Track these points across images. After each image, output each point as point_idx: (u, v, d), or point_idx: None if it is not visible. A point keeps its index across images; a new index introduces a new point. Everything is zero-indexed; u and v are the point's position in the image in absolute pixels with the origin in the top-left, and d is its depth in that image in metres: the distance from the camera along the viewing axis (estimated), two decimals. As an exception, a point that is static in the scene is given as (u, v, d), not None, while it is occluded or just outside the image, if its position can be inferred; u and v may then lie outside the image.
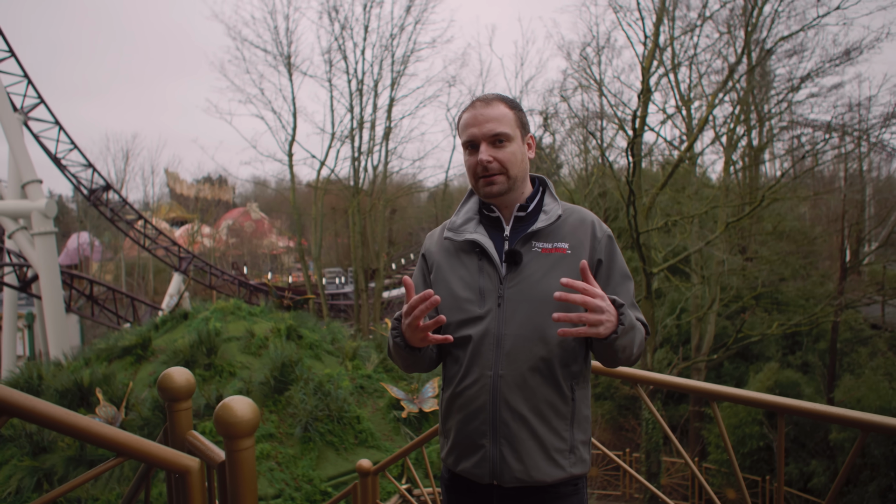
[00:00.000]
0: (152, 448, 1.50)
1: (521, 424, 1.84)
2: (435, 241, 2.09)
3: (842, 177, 24.01)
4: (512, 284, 1.88)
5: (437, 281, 2.00)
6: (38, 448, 7.71)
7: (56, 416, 1.33)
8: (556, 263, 1.88)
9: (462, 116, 2.00)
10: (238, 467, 1.63)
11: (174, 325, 11.63)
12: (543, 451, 1.84)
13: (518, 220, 1.98)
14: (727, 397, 2.28)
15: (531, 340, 1.84)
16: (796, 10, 16.44)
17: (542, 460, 1.84)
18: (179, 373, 1.95)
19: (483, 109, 1.93)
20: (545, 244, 1.91)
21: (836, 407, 1.96)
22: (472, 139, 1.93)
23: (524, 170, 1.99)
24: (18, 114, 19.48)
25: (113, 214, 25.32)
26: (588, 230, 1.94)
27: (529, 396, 1.84)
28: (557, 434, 1.86)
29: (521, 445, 1.84)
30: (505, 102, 1.96)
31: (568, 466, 1.87)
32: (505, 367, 1.84)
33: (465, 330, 1.90)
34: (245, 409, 1.63)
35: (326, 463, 7.99)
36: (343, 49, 24.34)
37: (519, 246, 1.91)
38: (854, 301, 18.51)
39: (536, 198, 2.02)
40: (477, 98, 1.99)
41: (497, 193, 1.93)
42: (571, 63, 28.87)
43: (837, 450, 14.81)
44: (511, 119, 1.93)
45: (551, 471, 1.85)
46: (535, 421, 1.84)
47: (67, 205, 48.41)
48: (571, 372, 1.88)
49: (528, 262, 1.89)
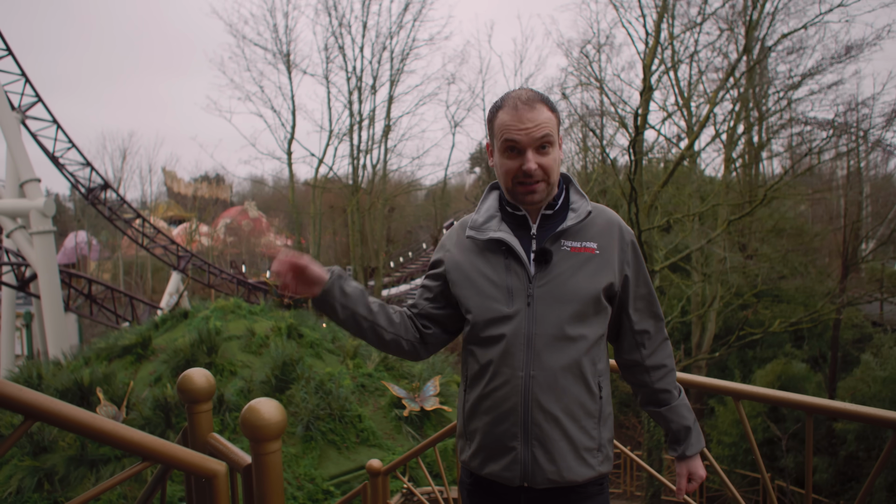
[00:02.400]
0: (178, 452, 1.46)
1: (554, 425, 1.82)
2: (454, 242, 2.03)
3: (842, 175, 24.04)
4: (542, 283, 1.85)
5: (461, 280, 1.95)
6: (39, 448, 7.66)
7: (81, 419, 1.29)
8: (585, 263, 1.86)
9: (498, 115, 1.90)
10: (265, 471, 1.59)
11: (174, 323, 11.60)
12: (574, 451, 1.83)
13: (545, 218, 1.94)
14: (752, 396, 2.24)
15: (562, 340, 1.82)
16: (797, 6, 16.34)
17: (573, 460, 1.83)
18: (199, 374, 1.91)
19: (528, 112, 1.84)
20: (574, 243, 1.88)
21: (869, 407, 1.93)
22: (515, 143, 1.85)
23: (559, 173, 1.95)
24: (16, 112, 19.39)
25: (111, 213, 25.23)
26: (616, 233, 1.94)
27: (561, 397, 1.82)
28: (587, 433, 1.85)
29: (553, 446, 1.82)
30: (547, 105, 1.88)
31: (597, 465, 1.88)
32: (536, 367, 1.82)
33: (493, 329, 1.86)
34: (273, 411, 1.60)
35: (328, 462, 7.96)
36: (342, 46, 24.31)
37: (549, 244, 1.87)
38: (855, 299, 18.53)
39: (562, 195, 1.98)
40: (516, 96, 1.89)
41: (538, 201, 1.90)
42: (571, 61, 28.86)
43: (839, 445, 14.82)
44: (554, 123, 1.88)
45: (582, 470, 1.84)
46: (566, 421, 1.82)
47: (65, 203, 48.27)
48: (598, 370, 1.89)
49: (558, 261, 1.86)
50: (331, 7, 24.32)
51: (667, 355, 2.02)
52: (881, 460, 1.87)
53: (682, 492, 2.04)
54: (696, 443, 1.99)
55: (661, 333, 2.02)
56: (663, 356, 2.01)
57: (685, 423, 1.99)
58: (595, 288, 1.84)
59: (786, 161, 21.89)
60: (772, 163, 26.24)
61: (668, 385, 2.00)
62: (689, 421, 1.99)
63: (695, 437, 1.99)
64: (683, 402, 2.01)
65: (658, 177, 19.11)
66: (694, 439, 1.99)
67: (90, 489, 1.34)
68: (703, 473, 2.01)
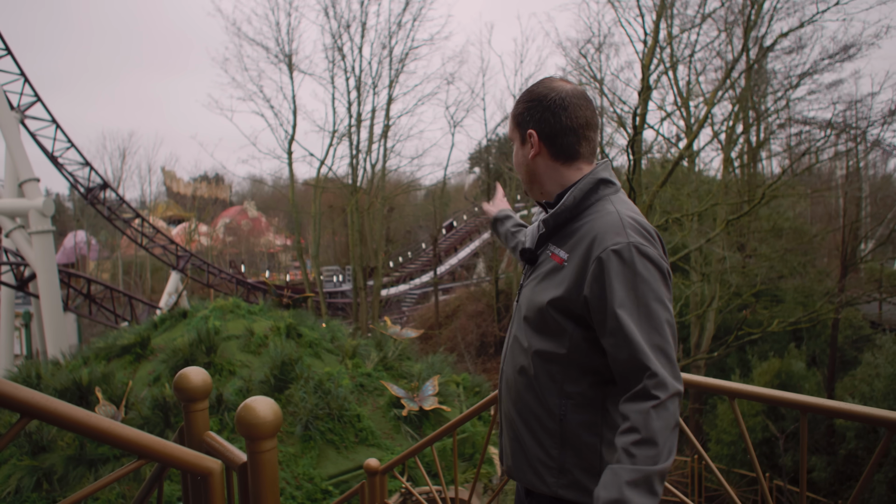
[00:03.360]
0: (174, 450, 1.46)
1: (509, 425, 1.87)
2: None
3: (840, 175, 24.06)
4: (526, 284, 1.88)
5: None
6: (38, 447, 7.66)
7: (78, 417, 1.30)
8: (549, 272, 1.75)
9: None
10: (261, 469, 1.59)
11: (173, 323, 11.59)
12: (526, 457, 1.79)
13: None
14: (750, 395, 2.25)
15: (517, 345, 1.84)
16: (795, 6, 16.36)
17: (524, 465, 1.80)
18: (196, 373, 1.92)
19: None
20: (556, 248, 1.76)
21: (863, 406, 1.93)
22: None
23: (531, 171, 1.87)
24: (15, 112, 19.39)
25: (110, 213, 25.24)
26: (585, 246, 1.66)
27: (517, 399, 1.83)
28: (543, 448, 1.75)
29: (510, 444, 1.88)
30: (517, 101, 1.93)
31: (554, 485, 1.72)
32: (506, 365, 1.91)
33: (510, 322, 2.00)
34: (268, 409, 1.60)
35: (327, 461, 7.96)
36: (341, 47, 24.30)
37: (539, 246, 1.85)
38: (854, 298, 18.55)
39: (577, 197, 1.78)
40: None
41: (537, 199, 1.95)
42: (570, 61, 28.84)
43: (838, 443, 14.83)
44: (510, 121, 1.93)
45: (532, 479, 1.78)
46: (520, 425, 1.81)
47: (64, 203, 48.28)
48: (564, 390, 1.70)
49: (540, 264, 1.82)
50: (328, 7, 24.32)
51: (637, 411, 1.50)
52: (875, 458, 1.88)
53: None
54: None
55: (640, 383, 1.54)
56: (632, 409, 1.52)
57: (598, 490, 1.49)
58: (542, 299, 1.71)
59: (785, 161, 21.89)
60: (771, 162, 26.30)
61: (620, 442, 1.51)
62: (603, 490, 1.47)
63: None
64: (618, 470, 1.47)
65: (657, 177, 19.14)
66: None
67: (86, 487, 1.34)
68: None
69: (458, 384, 10.21)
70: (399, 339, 10.99)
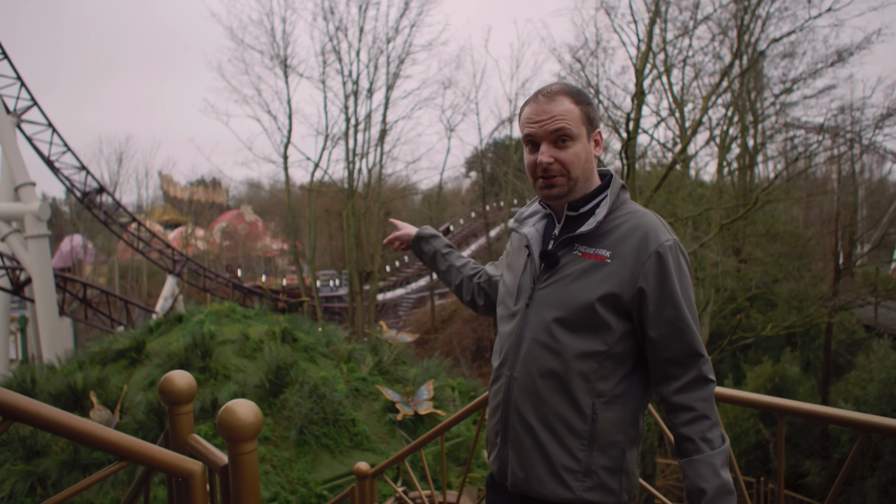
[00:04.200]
0: (155, 452, 1.49)
1: (527, 432, 1.76)
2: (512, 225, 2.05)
3: (835, 179, 24.14)
4: (543, 286, 1.80)
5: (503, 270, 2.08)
6: (32, 452, 7.66)
7: (59, 419, 1.32)
8: (590, 270, 1.74)
9: (523, 109, 1.85)
10: (241, 471, 1.62)
11: (168, 328, 11.60)
12: (548, 465, 1.73)
13: (569, 220, 1.85)
14: (728, 399, 2.28)
15: (545, 347, 1.75)
16: (788, 11, 16.46)
17: (545, 475, 1.73)
18: (181, 376, 1.94)
19: (546, 105, 1.77)
20: (587, 248, 1.77)
21: (835, 408, 1.97)
22: (531, 136, 1.79)
23: (588, 170, 1.82)
24: (11, 116, 19.39)
25: (106, 217, 25.24)
26: (637, 241, 1.73)
27: (538, 405, 1.75)
28: (568, 452, 1.72)
29: (525, 454, 1.76)
30: (570, 96, 1.79)
31: (579, 490, 1.71)
32: (519, 370, 1.78)
33: (502, 325, 1.91)
34: (248, 412, 1.63)
35: (322, 466, 7.97)
36: (338, 50, 24.35)
37: (561, 247, 1.81)
38: (848, 303, 18.59)
39: (598, 197, 1.85)
40: (540, 90, 1.83)
41: (556, 196, 1.81)
42: (564, 66, 28.92)
43: (832, 448, 14.86)
44: (576, 115, 1.77)
45: (556, 489, 1.72)
46: (542, 432, 1.74)
47: (61, 207, 48.17)
48: (596, 388, 1.72)
49: (565, 265, 1.78)
50: (327, 11, 24.39)
51: (698, 398, 1.69)
52: (849, 460, 1.91)
53: None
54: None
55: (694, 368, 1.70)
56: (693, 398, 1.69)
57: (700, 483, 1.63)
58: (589, 297, 1.71)
59: (780, 165, 21.97)
60: (766, 167, 26.39)
61: (692, 433, 1.67)
62: (705, 483, 1.62)
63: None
64: (707, 459, 1.64)
65: (651, 181, 19.18)
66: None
67: (69, 488, 1.37)
68: None
69: (453, 388, 10.23)
70: (394, 344, 11.01)
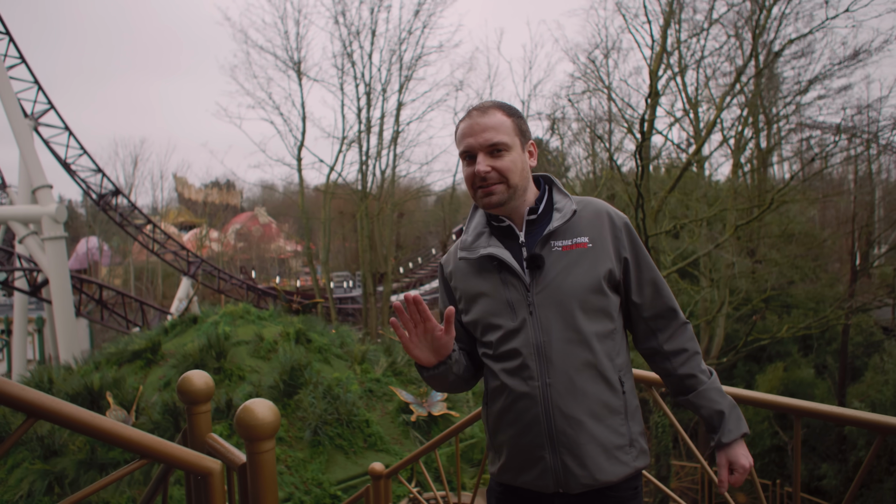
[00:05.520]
0: (175, 450, 1.51)
1: (580, 429, 1.79)
2: (452, 266, 2.03)
3: (851, 179, 23.92)
4: (539, 290, 1.83)
5: (466, 306, 1.97)
6: (50, 451, 7.73)
7: (83, 418, 1.34)
8: (580, 258, 1.84)
9: (459, 126, 1.93)
10: (259, 469, 1.63)
11: (183, 329, 11.66)
12: (605, 451, 1.80)
13: (531, 224, 1.93)
14: (746, 400, 2.27)
15: (572, 342, 1.80)
16: (804, 11, 16.34)
17: (605, 461, 1.80)
18: (199, 376, 1.96)
19: (479, 118, 1.87)
20: (564, 241, 1.86)
21: (851, 410, 1.95)
22: (468, 149, 1.88)
23: (525, 178, 1.92)
24: (29, 119, 19.63)
25: (122, 219, 25.46)
26: (605, 221, 1.90)
27: (581, 399, 1.80)
28: (615, 431, 1.82)
29: (582, 451, 1.79)
30: (502, 110, 1.90)
31: (631, 461, 1.84)
32: (551, 374, 1.80)
33: (503, 345, 1.86)
34: (266, 411, 1.64)
35: (336, 466, 7.99)
36: (350, 54, 24.42)
37: (538, 249, 1.86)
38: (865, 304, 18.40)
39: (545, 198, 1.96)
40: (473, 107, 1.93)
41: (497, 203, 1.88)
42: (579, 66, 28.85)
43: (849, 451, 14.73)
44: (509, 127, 1.88)
45: (616, 469, 1.81)
46: (591, 423, 1.80)
47: (77, 210, 48.64)
48: (617, 364, 1.86)
49: (551, 264, 1.84)
50: (339, 14, 24.46)
51: (687, 339, 1.94)
52: (866, 463, 1.90)
53: (724, 485, 1.89)
54: (735, 428, 1.86)
55: (676, 318, 1.95)
56: (683, 340, 1.93)
57: (716, 406, 1.87)
58: (594, 279, 1.82)
59: (795, 166, 21.81)
60: (781, 167, 26.20)
61: (692, 369, 1.91)
62: (721, 405, 1.88)
63: (732, 421, 1.86)
64: (713, 385, 1.90)
65: (666, 182, 19.11)
66: (731, 424, 1.86)
67: (88, 486, 1.39)
68: (746, 463, 1.86)
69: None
70: (408, 345, 10.99)
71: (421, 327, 1.81)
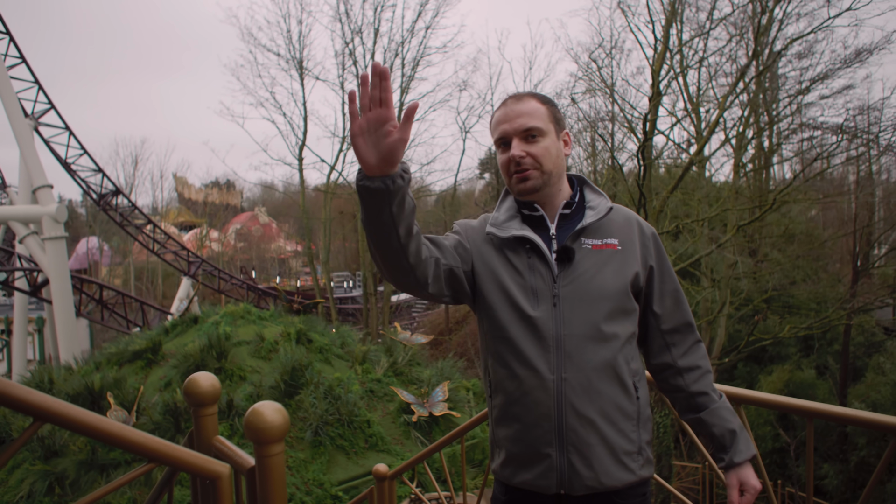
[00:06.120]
0: (182, 454, 1.48)
1: (591, 429, 1.76)
2: (475, 231, 1.95)
3: (852, 180, 23.90)
4: (566, 283, 1.80)
5: (486, 275, 1.87)
6: (50, 452, 7.71)
7: (90, 422, 1.32)
8: (608, 259, 1.83)
9: (494, 115, 1.94)
10: (268, 473, 1.61)
11: (184, 329, 11.64)
12: (613, 455, 1.78)
13: (563, 218, 1.91)
14: (758, 402, 2.25)
15: (593, 340, 1.77)
16: (806, 11, 16.30)
17: (612, 465, 1.77)
18: (205, 378, 1.94)
19: (514, 105, 1.88)
20: (595, 240, 1.85)
21: (865, 411, 1.93)
22: (503, 136, 1.87)
23: (560, 166, 1.90)
24: (29, 119, 19.60)
25: (122, 219, 25.45)
26: (635, 227, 1.91)
27: (596, 399, 1.76)
28: (626, 436, 1.80)
29: (590, 452, 1.76)
30: (537, 98, 1.91)
31: (637, 469, 1.82)
32: (568, 370, 1.76)
33: (518, 332, 1.80)
34: (275, 414, 1.62)
35: (337, 467, 7.97)
36: (353, 53, 24.39)
37: (570, 242, 1.84)
38: (866, 304, 18.38)
39: (577, 195, 1.96)
40: (509, 95, 1.94)
41: (531, 189, 1.86)
42: (580, 66, 28.82)
43: (850, 451, 14.71)
44: (543, 113, 1.87)
45: (622, 475, 1.79)
46: (603, 424, 1.76)
47: (77, 209, 48.63)
48: (633, 369, 1.84)
49: (580, 259, 1.82)
50: (342, 14, 24.44)
51: (701, 356, 1.94)
52: (881, 465, 1.88)
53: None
54: (746, 449, 1.86)
55: (692, 334, 1.96)
56: (697, 357, 1.94)
57: (729, 425, 1.87)
58: (622, 283, 1.81)
59: (796, 166, 21.79)
60: (782, 167, 26.18)
61: (705, 387, 1.91)
62: (733, 424, 1.88)
63: (742, 442, 1.86)
64: (724, 405, 1.91)
65: (667, 182, 19.09)
66: (742, 445, 1.86)
67: (94, 491, 1.37)
68: (756, 484, 1.85)
69: (468, 390, 10.19)
70: (409, 345, 10.99)
71: (376, 113, 1.49)
